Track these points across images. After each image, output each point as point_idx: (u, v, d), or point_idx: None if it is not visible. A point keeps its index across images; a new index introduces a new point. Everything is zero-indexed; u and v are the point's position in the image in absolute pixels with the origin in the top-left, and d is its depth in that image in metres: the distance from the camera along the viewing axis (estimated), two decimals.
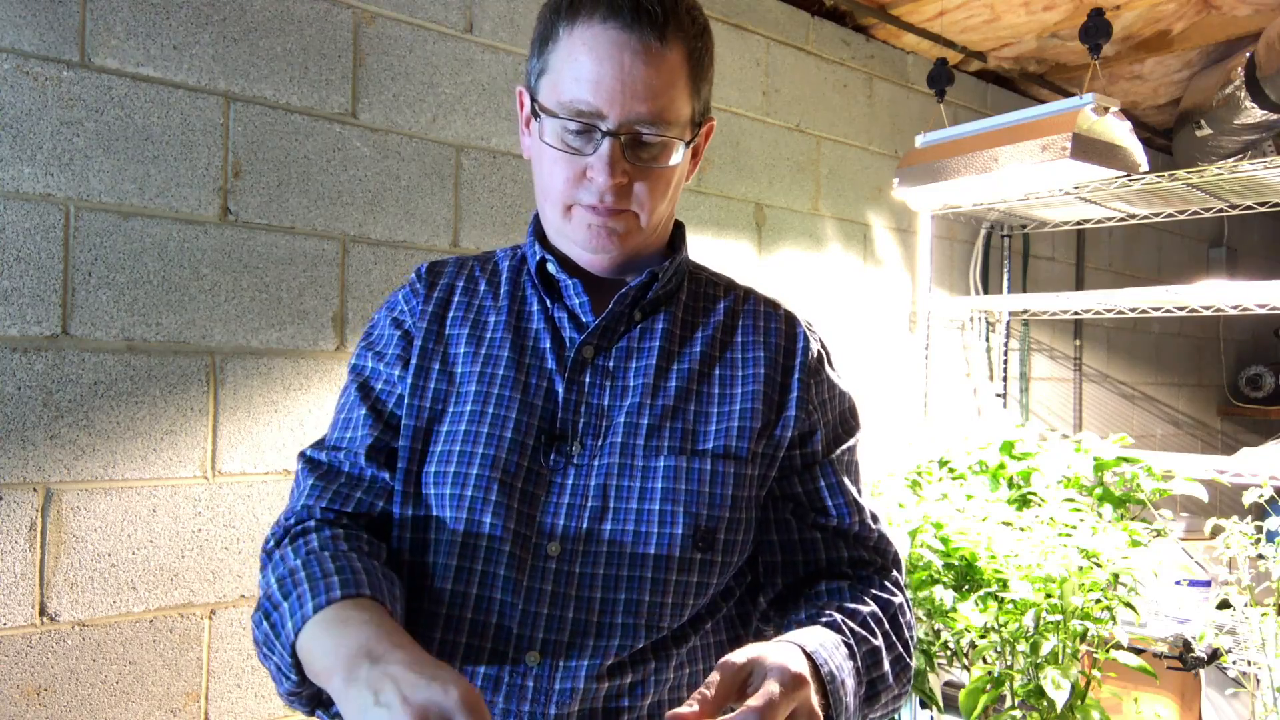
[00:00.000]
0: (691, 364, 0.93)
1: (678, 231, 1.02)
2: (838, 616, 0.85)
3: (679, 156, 0.89)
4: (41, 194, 1.42)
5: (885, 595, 0.91)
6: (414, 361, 0.93)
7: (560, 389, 0.91)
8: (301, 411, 1.67)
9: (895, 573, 0.97)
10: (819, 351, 0.99)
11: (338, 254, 1.71)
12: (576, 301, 0.94)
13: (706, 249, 2.31)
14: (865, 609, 0.87)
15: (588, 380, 0.91)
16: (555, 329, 0.94)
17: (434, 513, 0.88)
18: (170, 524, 1.53)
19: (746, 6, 2.40)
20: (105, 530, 1.47)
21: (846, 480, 0.97)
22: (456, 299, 0.98)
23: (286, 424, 1.65)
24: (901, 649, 0.89)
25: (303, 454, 0.95)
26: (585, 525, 0.86)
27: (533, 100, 0.90)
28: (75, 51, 1.45)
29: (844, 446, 0.99)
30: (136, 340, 1.50)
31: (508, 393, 0.90)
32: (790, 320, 1.00)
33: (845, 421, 1.00)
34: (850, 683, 0.78)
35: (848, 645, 0.81)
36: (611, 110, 0.84)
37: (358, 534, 0.87)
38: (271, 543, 0.90)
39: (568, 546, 0.85)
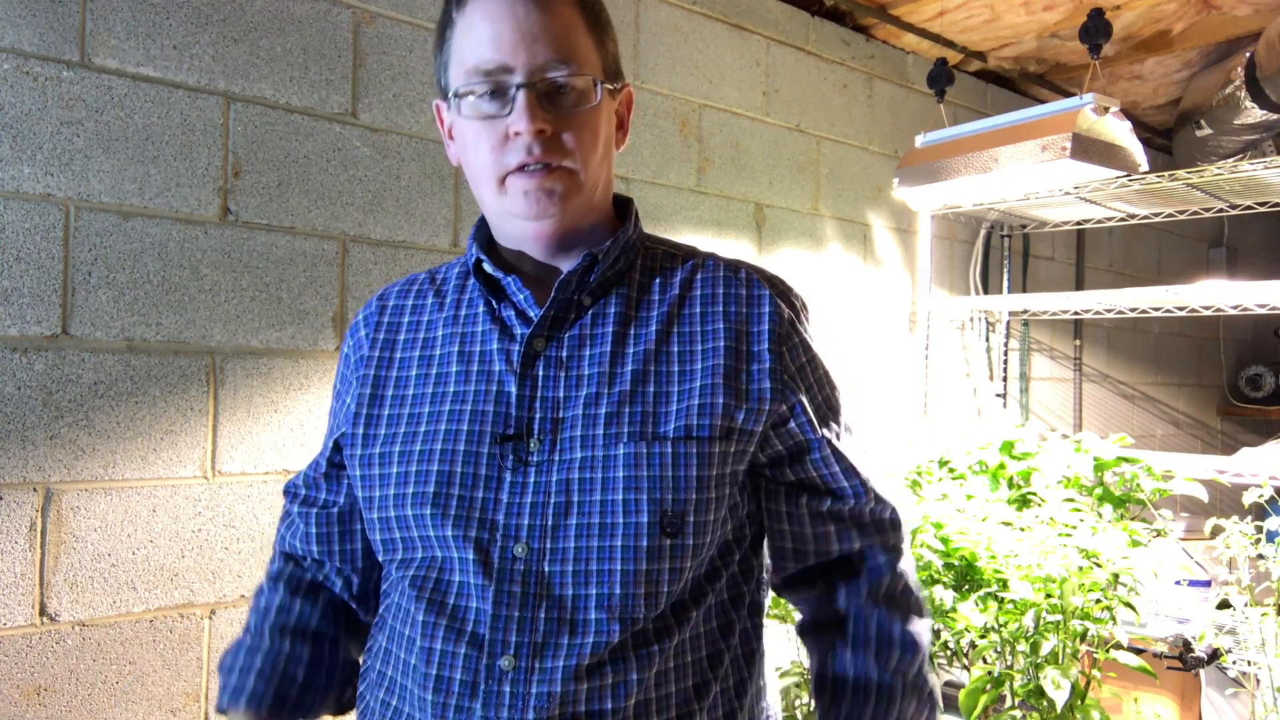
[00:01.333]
0: (647, 345, 0.90)
1: (626, 210, 0.99)
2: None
3: (599, 96, 0.88)
4: (41, 194, 1.42)
5: (897, 629, 0.94)
6: (366, 391, 0.95)
7: (512, 388, 0.88)
8: (301, 411, 1.67)
9: (901, 550, 0.98)
10: (788, 314, 0.94)
11: (338, 254, 1.71)
12: (520, 297, 0.91)
13: (706, 249, 2.30)
14: (879, 679, 0.92)
15: (541, 374, 0.88)
16: (504, 328, 0.91)
17: (399, 533, 0.88)
18: (170, 524, 1.53)
19: (746, 6, 2.40)
20: (105, 530, 1.47)
21: (848, 452, 0.95)
22: (406, 320, 0.98)
23: (286, 424, 1.65)
24: (916, 670, 0.94)
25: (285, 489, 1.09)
26: (550, 523, 0.84)
27: (445, 95, 0.91)
28: (75, 51, 1.45)
29: (839, 415, 0.96)
30: (136, 340, 1.50)
31: (459, 406, 0.89)
32: (751, 282, 0.94)
33: (830, 383, 0.97)
34: None
35: None
36: (517, 60, 0.84)
37: (298, 598, 1.03)
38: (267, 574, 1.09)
39: (535, 546, 0.84)
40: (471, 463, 0.86)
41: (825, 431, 0.93)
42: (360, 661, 1.01)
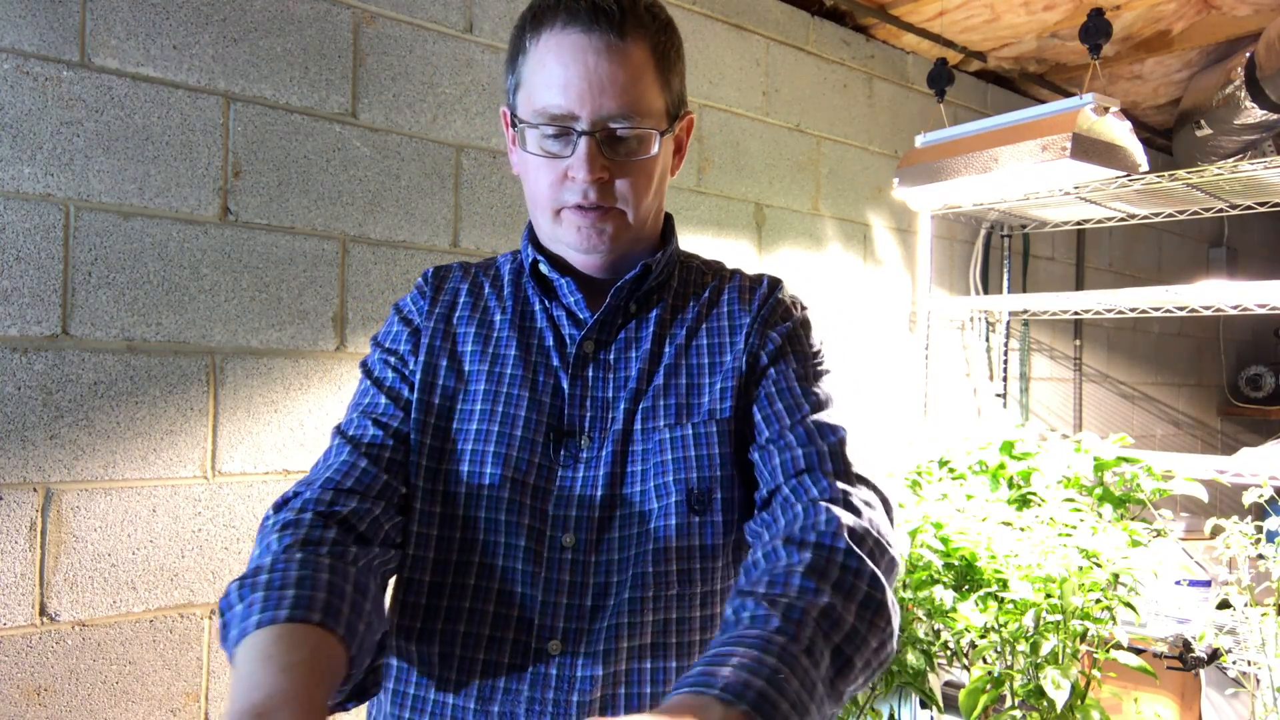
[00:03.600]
0: (682, 343, 0.97)
1: (667, 223, 1.05)
2: (764, 611, 0.71)
3: (656, 147, 0.92)
4: (41, 194, 1.42)
5: (829, 532, 0.78)
6: (422, 357, 0.96)
7: (565, 385, 0.94)
8: (301, 411, 1.67)
9: (841, 479, 0.85)
10: (783, 308, 1.00)
11: (338, 254, 1.71)
12: (572, 299, 0.97)
13: (706, 249, 2.30)
14: (797, 567, 0.75)
15: (591, 375, 0.94)
16: (556, 327, 0.97)
17: (451, 510, 0.91)
18: (170, 524, 1.53)
19: (746, 6, 2.40)
20: (105, 530, 1.47)
21: (793, 379, 0.93)
22: (462, 300, 1.01)
23: (286, 424, 1.65)
24: (867, 585, 0.75)
25: (335, 429, 0.95)
26: (597, 514, 0.89)
27: (512, 115, 0.94)
28: (75, 51, 1.45)
29: (794, 352, 0.96)
30: (136, 340, 1.50)
31: (516, 390, 0.93)
32: (773, 285, 1.02)
33: (798, 339, 0.98)
34: (793, 684, 0.66)
35: (778, 645, 0.68)
36: (583, 110, 0.87)
37: (345, 538, 0.82)
38: (271, 514, 0.85)
39: (581, 536, 0.89)
40: (529, 449, 0.91)
41: (776, 364, 0.94)
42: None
